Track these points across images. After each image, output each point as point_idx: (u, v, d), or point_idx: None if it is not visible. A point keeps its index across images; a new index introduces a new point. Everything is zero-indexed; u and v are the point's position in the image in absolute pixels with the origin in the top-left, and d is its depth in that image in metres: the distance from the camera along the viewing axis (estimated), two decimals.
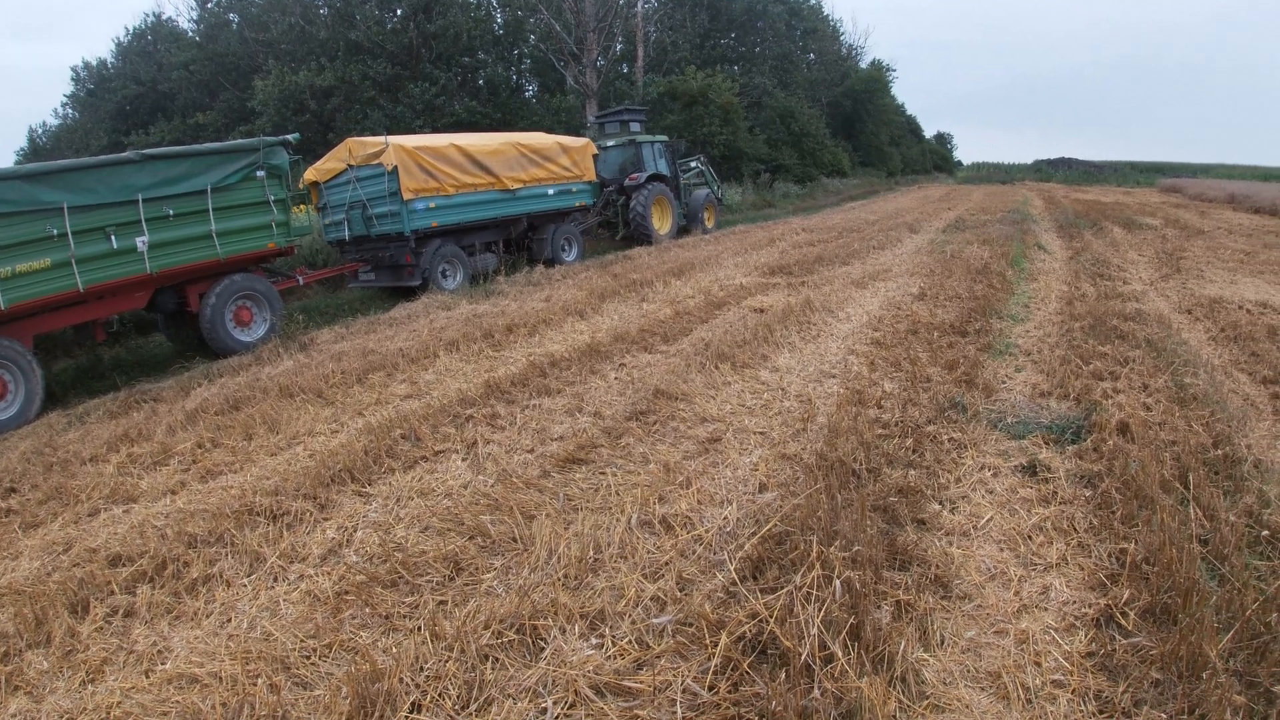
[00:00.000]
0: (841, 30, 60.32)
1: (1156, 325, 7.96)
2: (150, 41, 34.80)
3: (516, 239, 16.25)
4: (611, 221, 20.01)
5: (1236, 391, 6.48)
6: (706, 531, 4.26)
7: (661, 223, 19.96)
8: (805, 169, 41.44)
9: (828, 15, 57.22)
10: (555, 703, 3.06)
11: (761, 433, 5.72)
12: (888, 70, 61.32)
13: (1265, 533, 3.98)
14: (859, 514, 4.10)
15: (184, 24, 36.03)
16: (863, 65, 60.10)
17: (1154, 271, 12.34)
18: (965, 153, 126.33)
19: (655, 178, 19.85)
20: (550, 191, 16.25)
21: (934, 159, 77.05)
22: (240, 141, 11.08)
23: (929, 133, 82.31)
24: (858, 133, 54.40)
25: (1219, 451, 4.84)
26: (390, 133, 16.93)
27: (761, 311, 9.72)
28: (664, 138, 21.59)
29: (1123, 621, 3.36)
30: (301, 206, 15.32)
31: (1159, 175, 59.64)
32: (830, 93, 52.71)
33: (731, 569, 3.80)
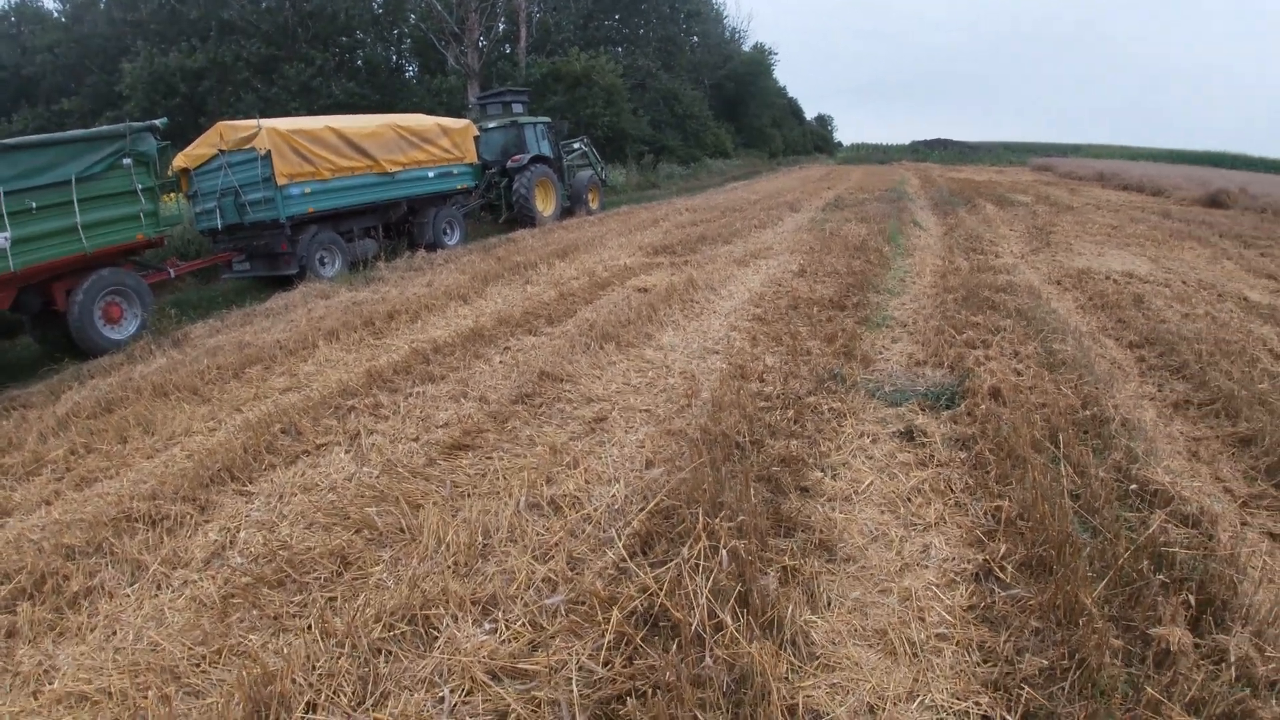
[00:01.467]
0: (725, 13, 60.97)
1: (1027, 295, 8.23)
2: (13, 24, 32.54)
3: (396, 223, 15.78)
4: (494, 204, 19.67)
5: (1104, 356, 6.74)
6: (595, 510, 4.20)
7: (545, 204, 19.73)
8: (689, 150, 41.70)
9: None
10: (452, 691, 2.98)
11: (647, 410, 5.67)
12: (769, 53, 62.25)
13: (1134, 486, 4.13)
14: (743, 484, 4.07)
15: (49, 4, 33.85)
16: (745, 48, 60.79)
17: (1025, 245, 12.80)
18: (845, 134, 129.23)
19: (538, 159, 19.59)
20: (430, 174, 15.85)
21: (815, 140, 78.60)
22: (105, 128, 10.41)
23: (810, 115, 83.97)
24: (740, 115, 55.05)
25: (1088, 412, 5.01)
26: (265, 116, 16.24)
27: (645, 291, 9.68)
28: (546, 119, 21.33)
29: (1001, 575, 3.44)
30: (171, 195, 14.55)
31: (1031, 155, 62.05)
32: (713, 75, 53.14)
33: (620, 546, 3.76)
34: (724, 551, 3.42)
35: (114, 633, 3.67)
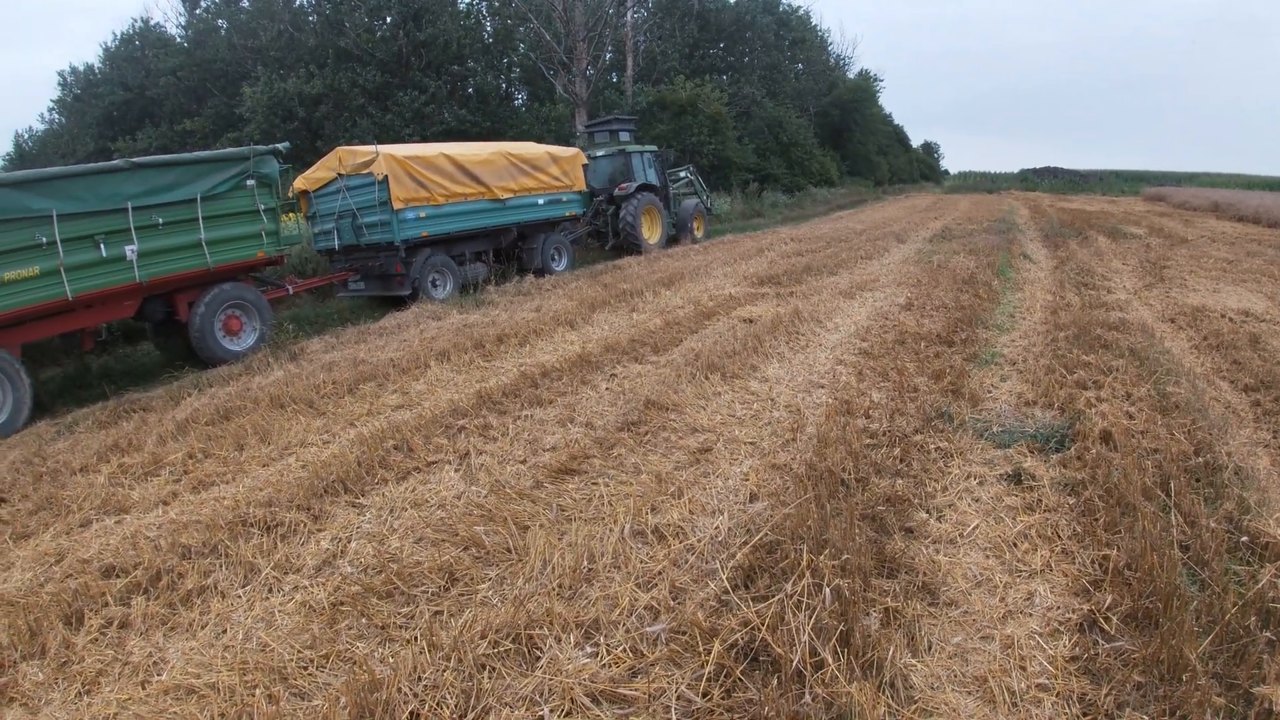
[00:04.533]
0: (829, 40, 60.63)
1: (1140, 334, 8.06)
2: (138, 47, 34.48)
3: (506, 248, 16.27)
4: (601, 231, 20.08)
5: (1218, 399, 6.57)
6: (698, 541, 4.29)
7: (651, 232, 20.02)
8: (793, 178, 41.64)
9: (816, 25, 57.51)
10: (552, 711, 3.08)
11: (751, 443, 5.76)
12: (875, 80, 61.76)
13: (1244, 539, 4.06)
14: (848, 522, 4.15)
15: (172, 30, 35.86)
16: (850, 75, 60.45)
17: (1138, 280, 12.46)
18: (952, 162, 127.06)
19: (645, 187, 19.92)
20: (540, 201, 16.30)
21: (921, 168, 77.52)
22: (230, 150, 11.10)
23: (916, 142, 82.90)
24: (845, 142, 54.70)
25: (1200, 459, 4.92)
26: (379, 141, 16.95)
27: (750, 322, 9.78)
28: (653, 147, 21.66)
29: (1105, 626, 3.42)
30: (291, 215, 15.32)
31: (1143, 184, 59.82)
32: (818, 102, 52.98)
33: (723, 578, 3.82)
34: (827, 589, 3.50)
35: (224, 631, 3.88)
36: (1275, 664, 3.05)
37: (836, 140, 53.69)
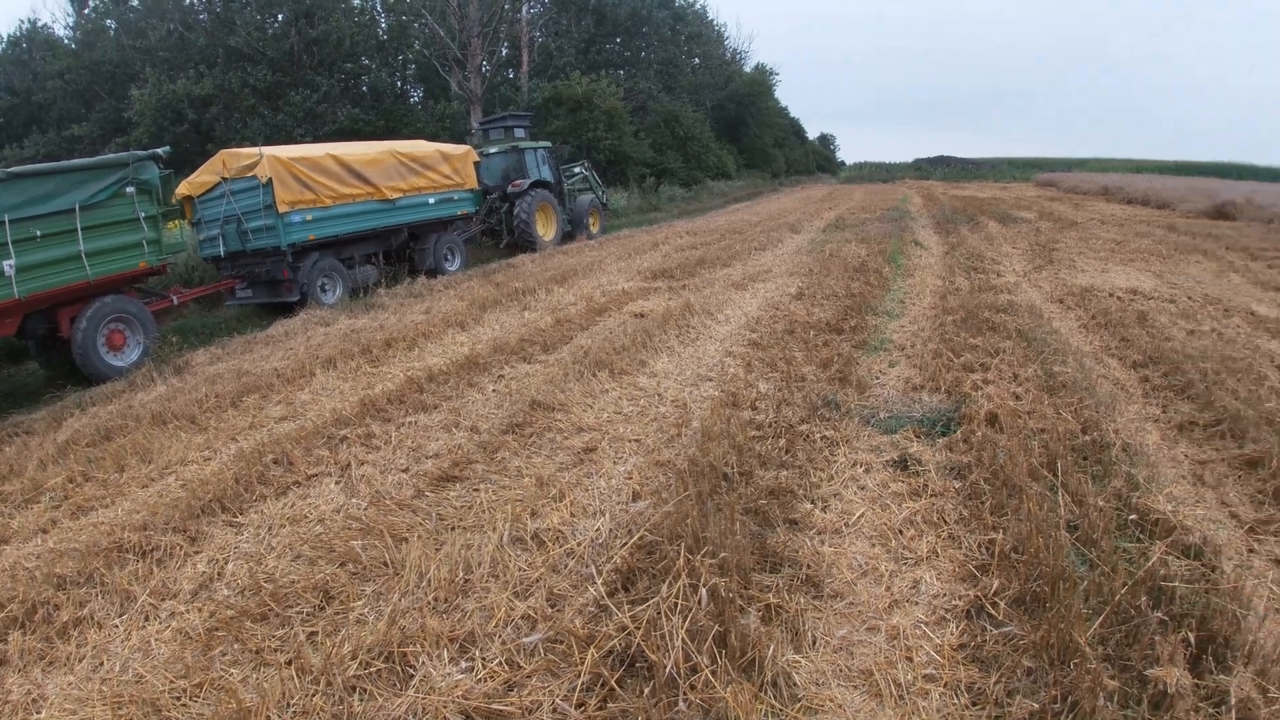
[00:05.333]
0: (726, 35, 60.92)
1: (1028, 315, 8.11)
2: (25, 50, 32.69)
3: (397, 250, 15.74)
4: (495, 229, 19.67)
5: (1107, 377, 6.62)
6: (579, 545, 4.11)
7: (546, 229, 19.70)
8: (690, 172, 41.65)
9: (712, 20, 57.73)
10: None
11: (637, 440, 5.57)
12: (771, 74, 62.27)
13: (1133, 516, 4.00)
14: (729, 518, 3.97)
15: (60, 31, 33.96)
16: (747, 69, 60.84)
17: (1028, 263, 12.69)
18: (848, 153, 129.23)
19: (539, 184, 19.59)
20: (431, 200, 15.82)
21: (817, 160, 78.56)
22: (108, 157, 10.42)
23: (812, 134, 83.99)
24: (742, 135, 55.03)
25: (1087, 437, 4.89)
26: (271, 142, 16.28)
27: (642, 316, 9.60)
28: (547, 144, 21.35)
29: (993, 612, 3.32)
30: (175, 222, 14.54)
31: (1035, 170, 61.86)
32: (715, 96, 53.15)
33: (600, 583, 3.67)
34: (703, 589, 3.31)
35: (101, 663, 3.65)
36: (1168, 644, 2.95)
37: (733, 134, 53.98)
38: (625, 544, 3.94)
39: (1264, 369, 6.89)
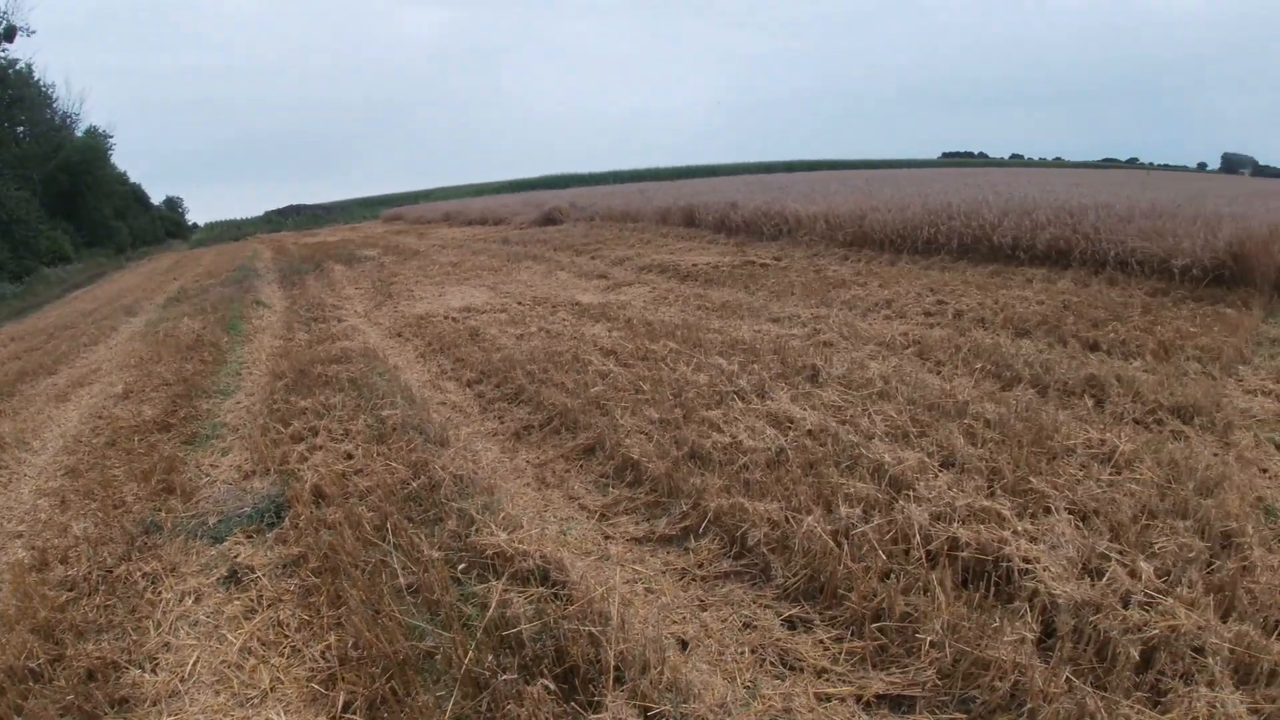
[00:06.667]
0: (54, 96, 52.22)
1: (362, 360, 7.87)
2: None
3: None
4: None
5: (446, 402, 6.64)
6: None
7: None
8: (20, 262, 35.02)
9: (39, 80, 49.04)
10: None
11: None
12: (106, 137, 55.12)
13: (469, 557, 3.84)
14: None
15: None
16: (79, 133, 53.10)
17: (369, 302, 12.66)
18: (199, 214, 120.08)
19: None
20: None
21: (166, 226, 71.93)
22: None
23: (157, 199, 76.81)
24: (80, 209, 47.48)
25: (418, 482, 4.68)
26: None
27: None
28: None
29: None
30: None
31: (384, 207, 63.67)
32: (43, 168, 45.20)
33: None
34: None
35: None
36: (529, 701, 2.76)
37: (70, 209, 46.36)
38: None
39: (589, 355, 7.49)
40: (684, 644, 3.26)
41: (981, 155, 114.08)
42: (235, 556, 4.31)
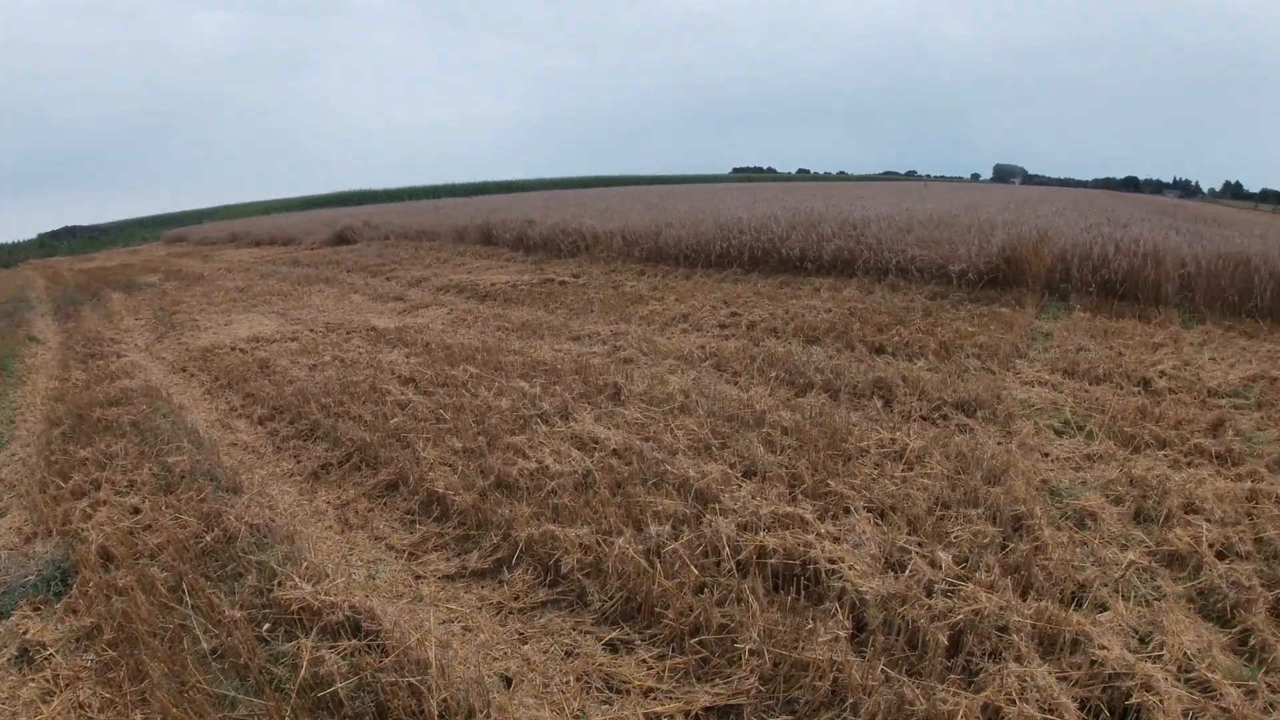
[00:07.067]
0: None
1: (145, 400, 7.28)
2: None
3: None
4: None
5: (237, 444, 6.29)
6: None
7: None
8: None
9: None
10: None
11: None
12: None
13: (273, 614, 3.64)
14: None
15: None
16: None
17: (151, 334, 11.82)
18: None
19: None
20: None
21: None
22: None
23: None
24: None
25: (212, 535, 4.40)
26: None
27: None
28: None
29: None
30: None
31: (166, 228, 59.30)
32: None
33: None
34: None
35: None
36: None
37: None
38: None
39: (386, 384, 7.28)
40: (508, 681, 3.23)
41: (770, 170, 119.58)
42: (24, 633, 3.83)
